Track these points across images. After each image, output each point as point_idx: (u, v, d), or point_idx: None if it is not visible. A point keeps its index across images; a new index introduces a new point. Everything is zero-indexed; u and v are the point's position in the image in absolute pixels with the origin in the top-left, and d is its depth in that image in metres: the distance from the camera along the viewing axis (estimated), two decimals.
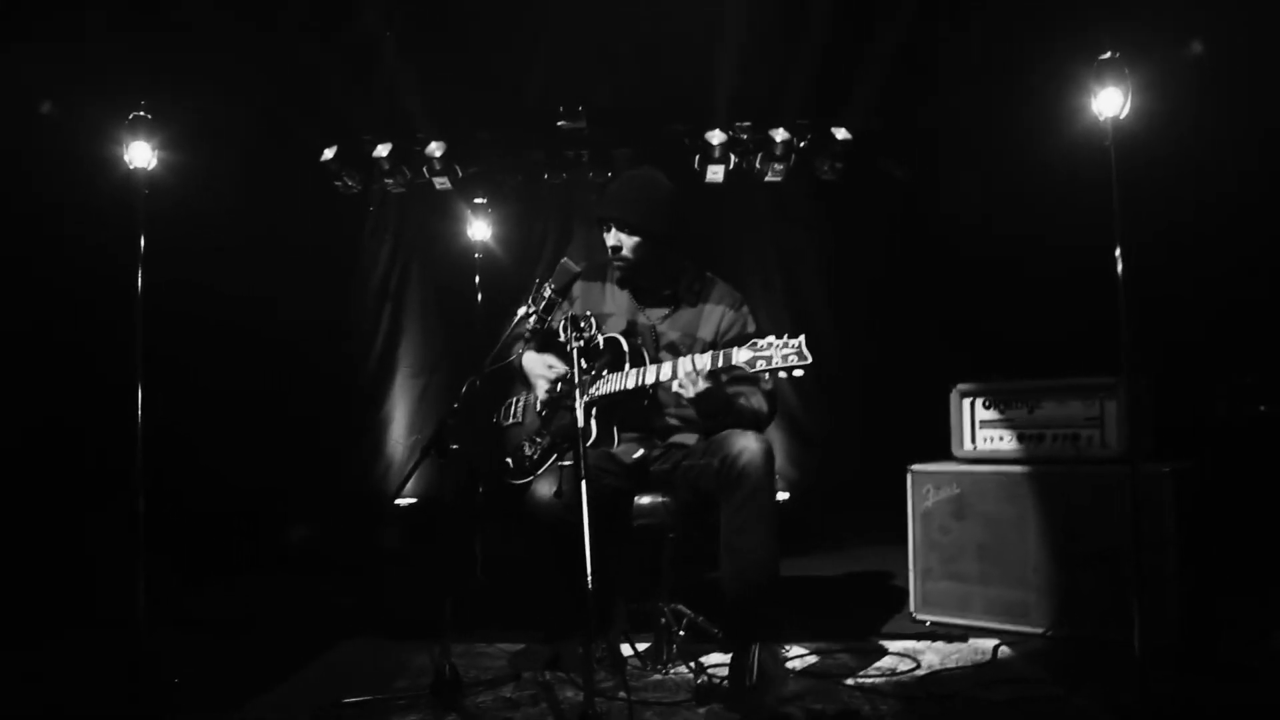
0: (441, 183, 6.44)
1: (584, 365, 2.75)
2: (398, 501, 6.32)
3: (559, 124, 6.16)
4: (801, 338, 2.67)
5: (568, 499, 2.85)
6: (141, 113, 3.46)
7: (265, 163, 6.11)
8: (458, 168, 6.43)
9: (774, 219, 6.66)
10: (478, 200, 4.91)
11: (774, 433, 6.50)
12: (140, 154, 3.47)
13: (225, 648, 3.89)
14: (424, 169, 6.40)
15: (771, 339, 2.70)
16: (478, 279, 4.82)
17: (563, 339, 2.77)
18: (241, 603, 4.74)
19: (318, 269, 6.44)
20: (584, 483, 2.45)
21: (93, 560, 4.39)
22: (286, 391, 6.10)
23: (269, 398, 6.01)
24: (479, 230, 4.86)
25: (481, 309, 4.76)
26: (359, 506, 6.33)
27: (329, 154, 6.36)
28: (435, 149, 6.26)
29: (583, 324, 2.79)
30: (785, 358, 2.67)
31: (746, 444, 2.96)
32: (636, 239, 3.23)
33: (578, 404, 2.61)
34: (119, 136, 3.42)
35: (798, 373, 2.66)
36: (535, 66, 6.11)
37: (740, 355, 2.75)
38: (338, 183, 6.50)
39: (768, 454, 2.96)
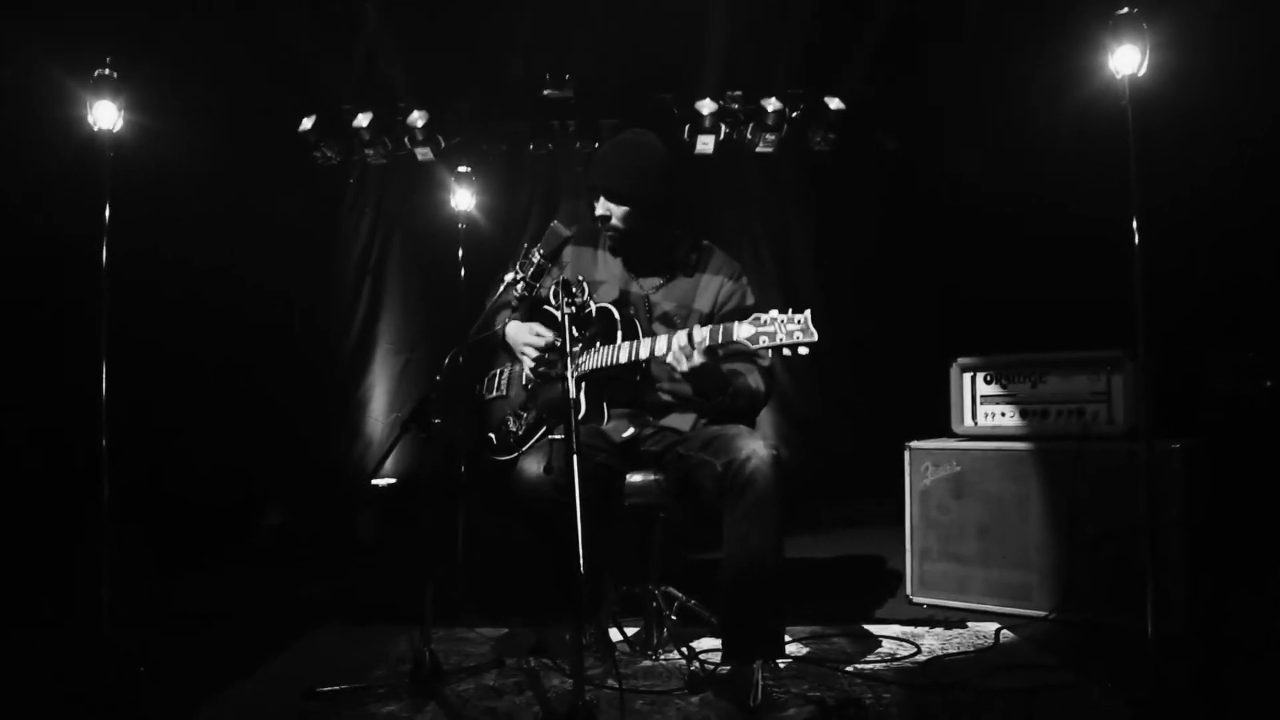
0: (424, 153, 6.27)
1: (575, 334, 2.60)
2: (377, 482, 6.16)
3: (545, 93, 5.99)
4: (808, 312, 2.51)
5: (557, 476, 2.70)
6: (106, 71, 3.28)
7: (241, 131, 5.91)
8: (440, 138, 6.24)
9: (765, 191, 6.52)
10: (461, 169, 4.73)
11: (764, 411, 6.38)
12: (105, 115, 3.29)
13: (198, 637, 3.74)
14: (406, 139, 6.22)
15: (775, 313, 2.54)
16: (461, 252, 4.65)
17: (552, 305, 2.60)
18: (215, 590, 4.58)
19: (295, 243, 6.26)
20: (576, 458, 2.29)
21: (58, 550, 4.20)
22: (261, 370, 5.93)
23: (243, 377, 5.84)
24: (463, 200, 4.69)
25: (465, 281, 4.58)
26: (338, 488, 6.17)
27: (307, 124, 6.17)
28: (417, 118, 6.09)
29: (574, 289, 2.62)
30: (791, 334, 2.51)
31: (755, 449, 2.78)
32: (626, 209, 3.05)
33: (568, 374, 2.46)
34: (81, 96, 3.24)
35: (803, 350, 2.51)
36: (519, 33, 5.93)
37: (742, 331, 2.59)
38: (316, 154, 6.31)
39: (777, 461, 2.79)
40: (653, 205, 3.06)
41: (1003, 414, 3.84)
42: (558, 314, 2.63)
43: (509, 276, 2.79)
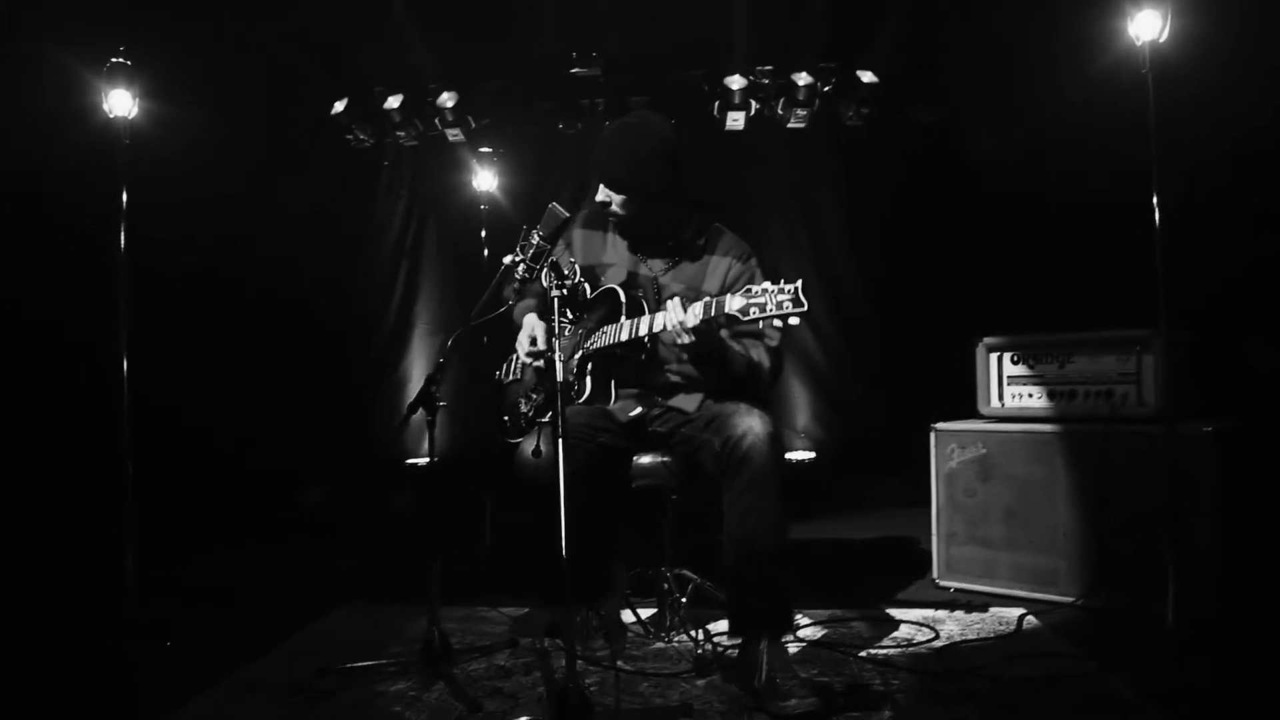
0: (454, 135, 6.24)
1: (568, 314, 2.58)
2: (414, 461, 6.22)
3: (573, 71, 5.93)
4: (799, 283, 2.46)
5: (547, 458, 2.69)
6: (120, 59, 3.33)
7: (271, 115, 5.96)
8: (470, 119, 6.23)
9: (798, 169, 6.37)
10: (484, 150, 4.73)
11: (799, 392, 6.31)
12: (120, 102, 3.35)
13: (225, 612, 3.82)
14: (436, 121, 6.21)
15: (766, 285, 2.49)
16: (484, 232, 4.65)
17: (544, 285, 2.59)
18: (247, 566, 4.67)
19: (330, 227, 6.30)
20: (561, 441, 2.28)
21: (89, 527, 4.29)
22: (300, 354, 5.99)
23: (282, 361, 5.91)
24: (485, 180, 4.69)
25: (488, 262, 4.60)
26: (377, 468, 6.23)
27: (339, 107, 6.19)
28: (447, 100, 6.07)
29: (565, 270, 2.60)
30: (780, 304, 2.46)
31: (751, 425, 2.74)
32: (624, 195, 3.00)
33: (556, 356, 2.44)
34: (95, 84, 3.31)
35: (794, 320, 2.45)
36: (546, 12, 5.88)
37: (734, 303, 2.54)
38: (349, 137, 6.33)
39: (773, 437, 2.75)
40: (652, 191, 2.99)
41: (1030, 395, 3.75)
42: (549, 294, 2.61)
43: (508, 259, 2.76)
